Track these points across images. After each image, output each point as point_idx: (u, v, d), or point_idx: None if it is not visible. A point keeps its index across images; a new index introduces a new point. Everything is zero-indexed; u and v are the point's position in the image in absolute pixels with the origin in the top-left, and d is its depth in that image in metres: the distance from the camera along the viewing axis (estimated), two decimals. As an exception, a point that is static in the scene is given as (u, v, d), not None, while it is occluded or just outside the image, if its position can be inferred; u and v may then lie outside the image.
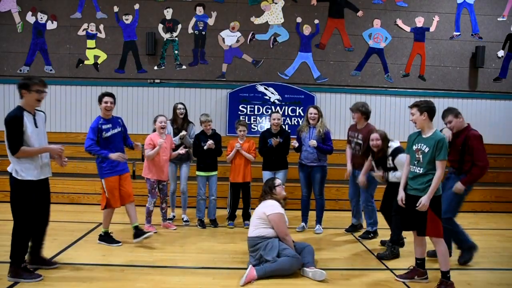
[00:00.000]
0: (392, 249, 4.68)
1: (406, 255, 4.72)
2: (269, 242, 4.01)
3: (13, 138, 3.60)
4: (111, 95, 4.83)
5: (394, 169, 4.54)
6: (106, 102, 4.74)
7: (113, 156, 4.64)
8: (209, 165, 5.76)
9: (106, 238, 4.88)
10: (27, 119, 3.67)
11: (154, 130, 5.56)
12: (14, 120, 3.60)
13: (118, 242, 4.86)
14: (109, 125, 4.75)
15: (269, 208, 4.11)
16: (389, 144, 4.60)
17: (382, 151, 4.59)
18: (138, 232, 4.84)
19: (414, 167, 3.77)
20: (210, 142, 5.57)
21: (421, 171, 3.72)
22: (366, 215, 5.37)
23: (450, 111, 4.36)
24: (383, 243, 5.06)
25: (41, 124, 3.86)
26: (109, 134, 4.73)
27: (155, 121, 5.52)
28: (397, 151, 4.51)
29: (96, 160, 4.83)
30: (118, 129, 4.85)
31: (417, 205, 3.65)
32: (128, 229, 5.53)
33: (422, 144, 3.75)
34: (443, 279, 3.71)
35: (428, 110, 3.77)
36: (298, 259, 4.01)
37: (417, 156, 3.77)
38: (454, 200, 4.27)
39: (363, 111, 5.28)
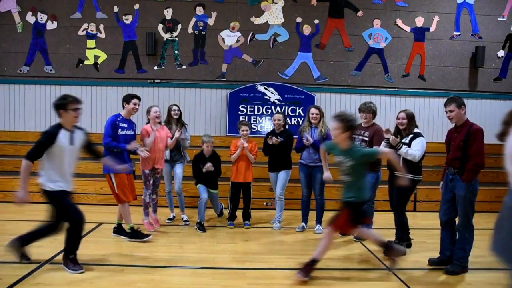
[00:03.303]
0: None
1: (409, 256, 4.73)
2: None
3: None
4: (139, 98, 5.11)
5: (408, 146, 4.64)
6: (135, 104, 5.01)
7: (132, 145, 4.86)
8: (209, 184, 5.80)
9: (135, 233, 4.97)
10: None
11: (147, 122, 5.59)
12: None
13: (148, 235, 5.04)
14: (125, 125, 4.97)
15: None
16: (415, 130, 4.73)
17: (408, 129, 4.72)
18: (135, 234, 4.97)
19: None
20: (208, 165, 5.61)
21: None
22: None
23: (454, 100, 4.18)
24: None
25: None
26: (123, 133, 4.94)
27: (148, 112, 5.54)
28: (420, 134, 4.68)
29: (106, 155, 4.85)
30: (130, 132, 5.06)
31: None
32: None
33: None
34: None
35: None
36: None
37: None
38: (467, 203, 4.15)
39: (374, 111, 5.30)
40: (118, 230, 5.15)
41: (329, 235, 3.93)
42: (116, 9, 8.20)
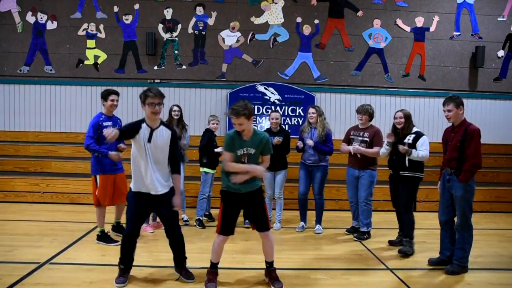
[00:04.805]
0: (410, 244, 4.77)
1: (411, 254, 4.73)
2: None
3: None
4: (117, 93, 4.90)
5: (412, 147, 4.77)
6: (112, 100, 4.82)
7: (112, 154, 4.67)
8: (215, 162, 5.86)
9: (104, 237, 4.91)
10: None
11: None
12: None
13: (116, 241, 4.87)
14: (109, 123, 4.77)
15: None
16: (413, 129, 4.89)
17: (406, 129, 4.86)
18: (104, 238, 4.94)
19: None
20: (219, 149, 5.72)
21: None
22: (363, 214, 5.34)
23: (452, 100, 4.20)
24: (390, 243, 5.11)
25: None
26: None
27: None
28: (422, 133, 4.84)
29: (92, 156, 4.84)
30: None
31: None
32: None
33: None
34: None
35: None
36: None
37: None
38: (465, 203, 4.20)
39: (370, 113, 5.32)
40: (117, 228, 5.15)
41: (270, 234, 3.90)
42: (116, 9, 8.19)
